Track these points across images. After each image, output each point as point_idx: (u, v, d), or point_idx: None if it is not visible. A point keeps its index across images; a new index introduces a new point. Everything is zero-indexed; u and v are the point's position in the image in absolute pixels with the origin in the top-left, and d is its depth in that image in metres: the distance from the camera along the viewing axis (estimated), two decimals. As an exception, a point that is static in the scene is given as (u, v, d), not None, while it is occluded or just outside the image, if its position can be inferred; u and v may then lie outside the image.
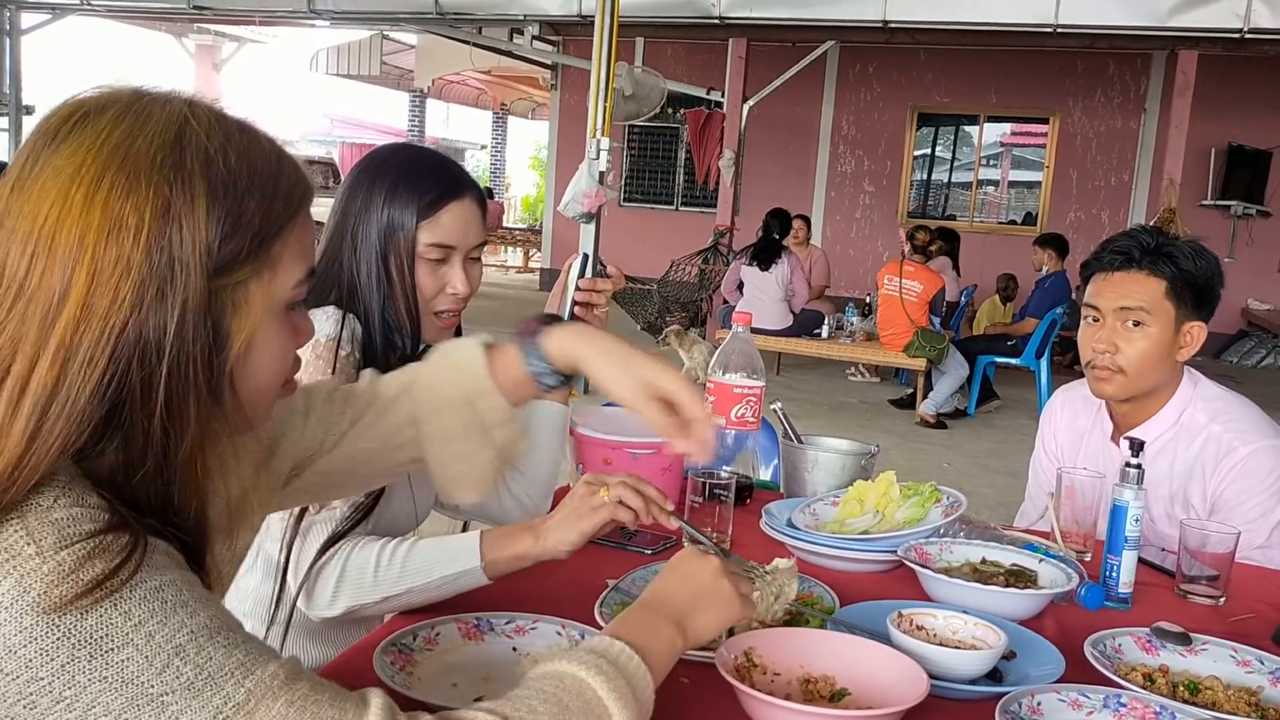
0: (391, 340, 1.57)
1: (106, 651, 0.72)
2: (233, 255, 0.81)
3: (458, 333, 1.74)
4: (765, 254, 8.22)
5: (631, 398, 1.09)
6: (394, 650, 1.19)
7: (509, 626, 1.28)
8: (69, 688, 0.71)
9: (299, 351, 0.93)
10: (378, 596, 1.36)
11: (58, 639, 0.71)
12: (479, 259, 1.66)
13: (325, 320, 1.48)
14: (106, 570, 0.73)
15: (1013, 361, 7.85)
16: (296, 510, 1.40)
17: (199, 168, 0.79)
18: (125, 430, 0.78)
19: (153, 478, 0.80)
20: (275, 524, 1.42)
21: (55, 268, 0.76)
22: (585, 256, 1.81)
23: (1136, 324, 1.94)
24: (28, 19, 11.53)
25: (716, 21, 8.96)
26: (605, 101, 6.91)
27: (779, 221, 8.49)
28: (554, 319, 1.20)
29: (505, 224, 20.51)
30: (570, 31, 12.80)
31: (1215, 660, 1.33)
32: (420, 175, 1.56)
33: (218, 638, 0.76)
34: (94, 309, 0.76)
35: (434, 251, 1.56)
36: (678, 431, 1.09)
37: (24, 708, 0.71)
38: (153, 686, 0.73)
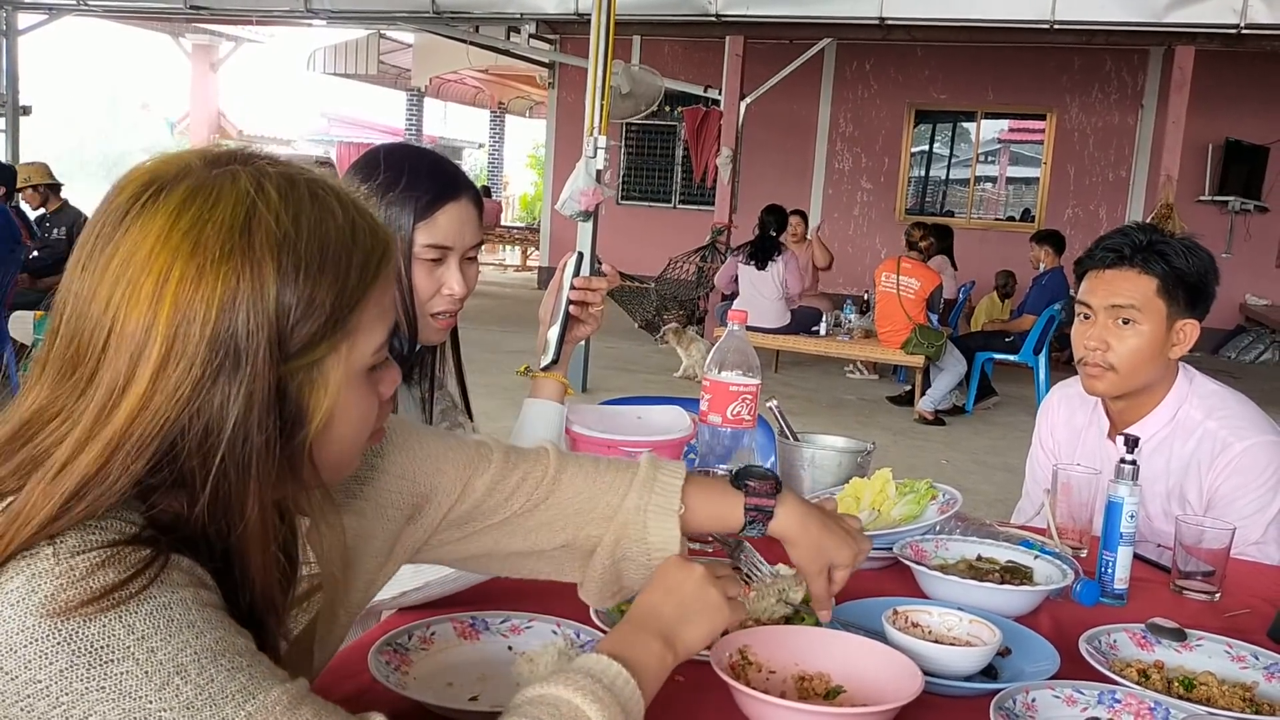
0: (389, 342, 1.57)
1: (106, 662, 0.71)
2: (307, 339, 0.80)
3: (454, 334, 1.75)
4: (762, 252, 8.20)
5: (813, 571, 1.17)
6: (389, 650, 1.19)
7: (504, 626, 1.28)
8: (66, 694, 0.71)
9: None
10: (394, 593, 1.35)
11: (58, 643, 0.71)
12: (475, 259, 1.66)
13: None
14: (116, 580, 0.73)
15: (1011, 358, 7.86)
16: None
17: (269, 253, 0.78)
18: (181, 496, 0.79)
19: (217, 540, 0.80)
20: None
21: (119, 358, 0.76)
22: (580, 255, 1.81)
23: (1127, 322, 1.94)
24: (24, 19, 11.52)
25: (713, 19, 8.96)
26: (602, 100, 6.92)
27: (775, 218, 8.48)
28: (780, 483, 1.18)
29: (503, 223, 20.50)
30: (567, 30, 12.80)
31: (1210, 656, 1.34)
32: (417, 176, 1.56)
33: (221, 660, 0.75)
34: (153, 402, 0.76)
35: (431, 252, 1.56)
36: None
37: (21, 710, 0.71)
38: (150, 703, 0.72)
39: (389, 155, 1.60)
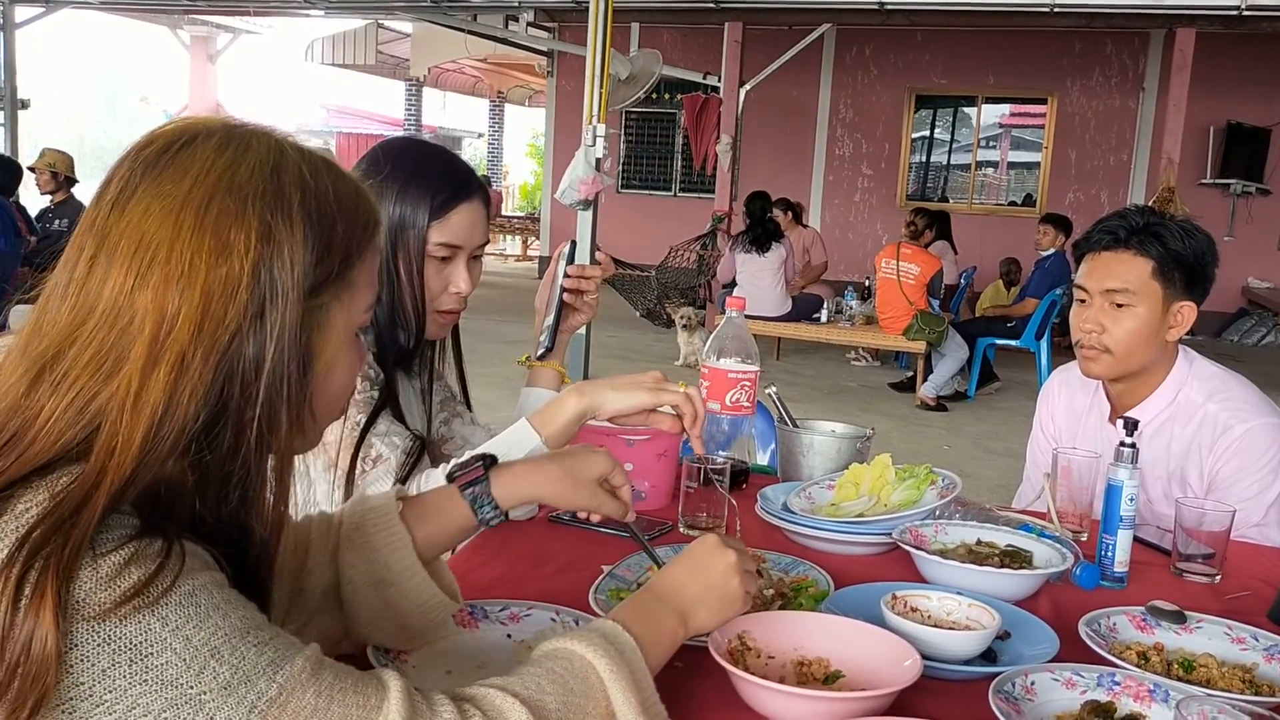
0: (395, 336, 1.58)
1: (146, 656, 0.74)
2: (323, 277, 0.86)
3: (454, 327, 1.75)
4: (763, 237, 8.18)
5: (589, 500, 1.22)
6: (388, 639, 1.18)
7: (503, 614, 1.28)
8: (109, 692, 0.73)
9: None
10: None
11: (98, 645, 0.73)
12: (480, 258, 1.69)
13: None
14: (144, 578, 0.74)
15: (1013, 343, 7.85)
16: (343, 478, 1.46)
17: (296, 195, 0.84)
18: (217, 442, 0.82)
19: (231, 494, 0.84)
20: (321, 490, 1.47)
21: (166, 287, 0.79)
22: (573, 244, 1.82)
23: (1122, 305, 1.94)
24: (21, 12, 11.50)
25: (712, 5, 8.94)
26: (601, 88, 6.90)
27: (760, 203, 8.44)
28: (490, 459, 1.20)
29: (503, 212, 20.48)
30: (565, 18, 12.77)
31: (1210, 638, 1.33)
32: (433, 174, 1.58)
33: (249, 637, 0.78)
34: (204, 327, 0.79)
35: (442, 250, 1.58)
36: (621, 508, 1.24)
37: (63, 713, 0.73)
38: (191, 687, 0.75)
39: (403, 151, 1.61)
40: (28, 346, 0.81)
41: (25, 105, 11.16)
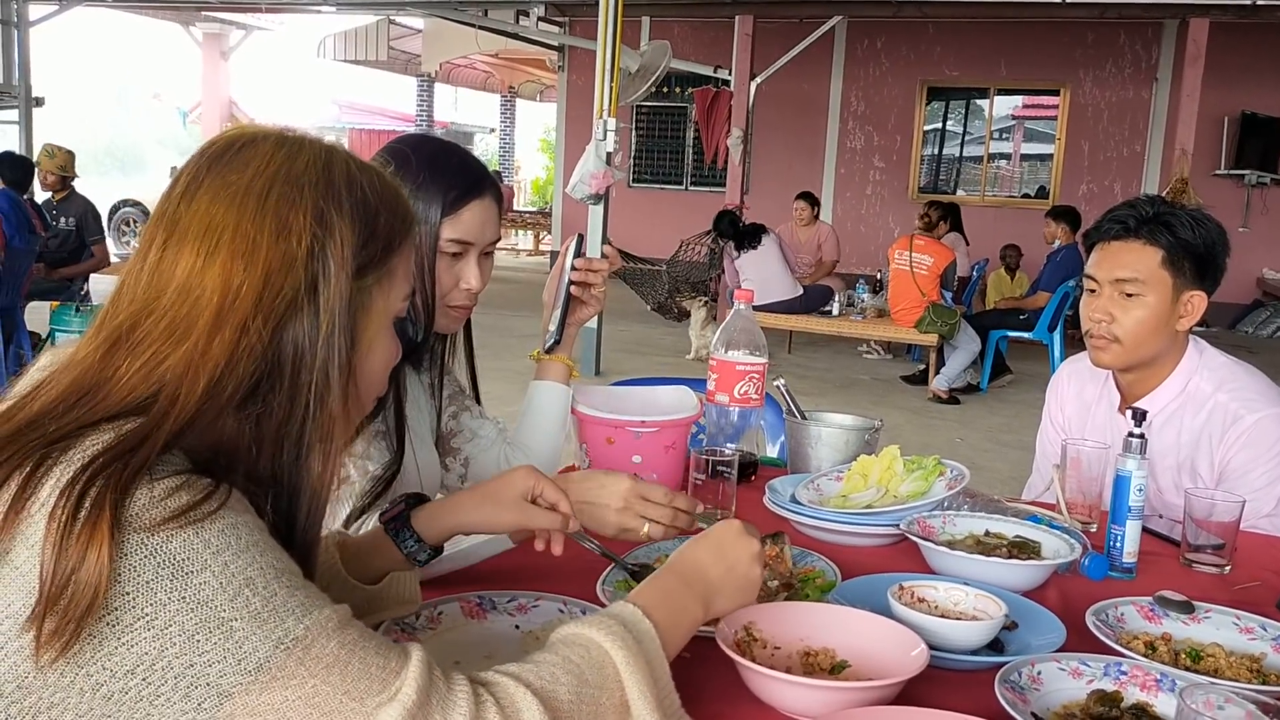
0: (404, 330, 1.58)
1: (187, 574, 0.78)
2: (367, 261, 0.94)
3: (467, 325, 1.76)
4: (750, 236, 8.20)
5: (516, 518, 1.25)
6: (396, 629, 1.19)
7: (511, 605, 1.29)
8: (150, 605, 0.77)
9: None
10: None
11: (145, 556, 0.77)
12: (492, 255, 1.69)
13: None
14: (193, 500, 0.80)
15: (1025, 335, 7.82)
16: None
17: (344, 187, 0.94)
18: (273, 404, 0.89)
19: (287, 453, 0.90)
20: None
21: (232, 263, 0.87)
22: (581, 237, 1.82)
23: (1131, 294, 1.93)
24: (35, 10, 11.54)
25: (722, -1, 8.91)
26: (612, 82, 6.90)
27: (729, 218, 8.54)
28: (414, 498, 1.26)
29: (515, 207, 20.49)
30: (576, 12, 12.76)
31: (1218, 628, 1.33)
32: (446, 171, 1.59)
33: (283, 578, 0.82)
34: (264, 297, 0.87)
35: (454, 246, 1.59)
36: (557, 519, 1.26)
37: (107, 625, 0.76)
38: (224, 611, 0.78)
39: (419, 147, 1.61)
40: (103, 323, 0.89)
41: (40, 103, 11.20)
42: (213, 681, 0.77)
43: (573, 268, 1.78)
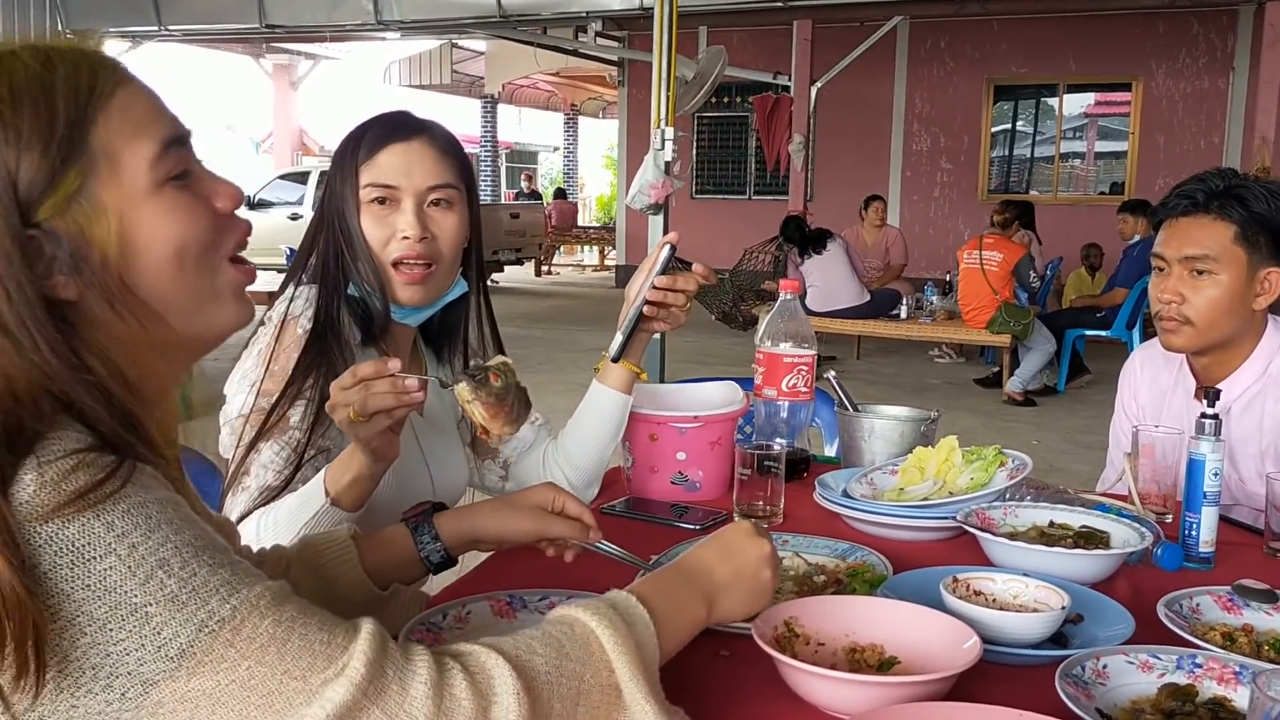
0: (370, 305, 1.52)
1: (89, 560, 0.73)
2: (42, 172, 0.78)
3: (489, 309, 1.69)
4: (815, 242, 8.11)
5: (534, 525, 1.25)
6: (421, 629, 1.15)
7: (542, 603, 1.24)
8: (52, 595, 0.72)
9: (241, 213, 0.93)
10: None
11: (40, 546, 0.72)
12: (453, 206, 1.55)
13: (299, 300, 1.49)
14: (91, 482, 0.74)
15: (1103, 334, 7.58)
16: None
17: None
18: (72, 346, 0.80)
19: (107, 395, 0.80)
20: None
21: None
22: (673, 248, 1.62)
23: (1201, 273, 1.83)
24: (109, 48, 11.90)
25: (780, 4, 8.84)
26: (668, 91, 6.86)
27: (795, 223, 8.45)
28: (440, 507, 1.27)
29: (581, 223, 20.59)
30: (634, 26, 12.78)
31: (1305, 619, 1.23)
32: (368, 125, 1.55)
33: (203, 555, 0.77)
34: None
35: (375, 191, 1.51)
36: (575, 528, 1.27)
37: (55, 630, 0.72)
38: (135, 596, 0.73)
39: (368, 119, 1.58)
40: None
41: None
42: (133, 670, 0.73)
43: (653, 286, 1.61)
